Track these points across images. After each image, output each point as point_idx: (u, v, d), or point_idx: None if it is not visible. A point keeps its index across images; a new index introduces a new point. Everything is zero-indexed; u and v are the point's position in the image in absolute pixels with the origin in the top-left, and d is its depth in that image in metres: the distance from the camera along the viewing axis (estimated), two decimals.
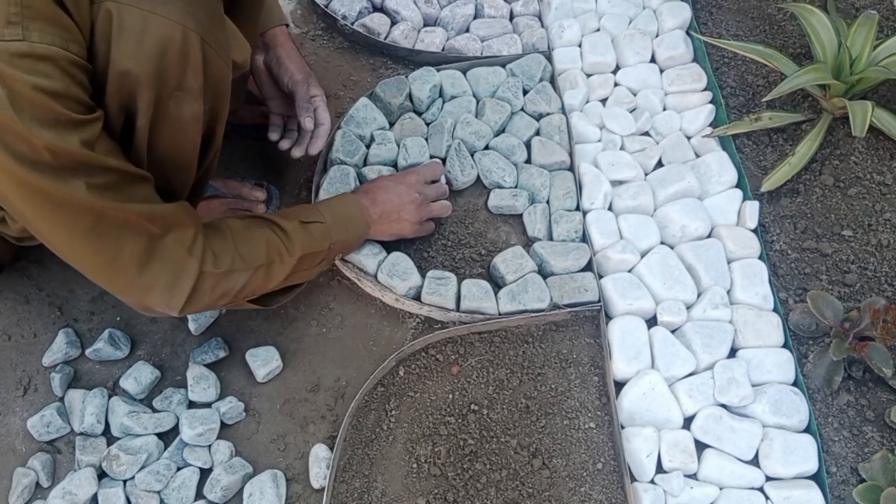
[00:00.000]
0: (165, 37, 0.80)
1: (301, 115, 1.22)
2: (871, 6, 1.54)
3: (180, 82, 0.84)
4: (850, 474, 1.08)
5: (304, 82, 1.23)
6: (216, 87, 0.89)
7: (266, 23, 1.23)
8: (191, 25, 0.81)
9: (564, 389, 1.16)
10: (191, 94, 0.85)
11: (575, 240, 1.27)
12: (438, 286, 1.19)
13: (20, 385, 1.16)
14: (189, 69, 0.83)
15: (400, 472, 1.09)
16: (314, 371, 1.18)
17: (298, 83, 1.22)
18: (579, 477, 1.09)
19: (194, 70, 0.84)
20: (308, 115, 1.22)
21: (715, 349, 1.14)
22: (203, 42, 0.83)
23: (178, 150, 0.92)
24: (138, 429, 1.09)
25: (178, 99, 0.85)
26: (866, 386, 1.14)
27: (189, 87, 0.85)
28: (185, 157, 0.94)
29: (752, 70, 1.47)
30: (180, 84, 0.84)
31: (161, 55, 0.80)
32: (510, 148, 1.36)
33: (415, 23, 1.54)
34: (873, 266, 1.24)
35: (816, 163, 1.35)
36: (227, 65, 0.90)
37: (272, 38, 1.24)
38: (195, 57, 0.83)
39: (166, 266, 0.89)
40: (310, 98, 1.23)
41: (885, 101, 1.40)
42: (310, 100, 1.23)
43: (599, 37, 1.50)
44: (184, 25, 0.80)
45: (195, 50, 0.82)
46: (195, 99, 0.86)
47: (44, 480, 1.08)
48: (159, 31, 0.79)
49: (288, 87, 1.23)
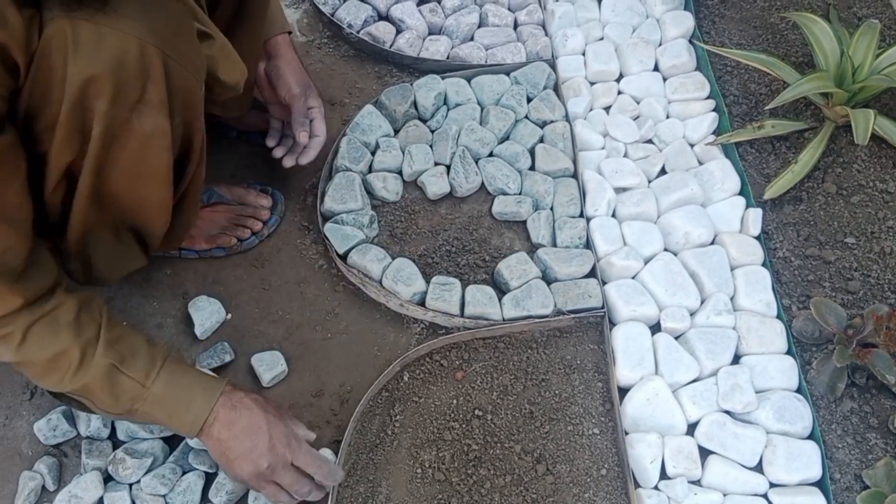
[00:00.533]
0: (121, 50, 0.78)
1: (296, 129, 1.23)
2: (874, 15, 1.55)
3: (141, 96, 0.82)
4: (854, 481, 1.08)
5: (301, 95, 1.23)
6: (184, 100, 0.88)
7: (268, 31, 1.23)
8: (148, 39, 0.79)
9: (568, 395, 1.16)
10: (153, 108, 0.84)
11: (579, 246, 1.28)
12: (443, 292, 1.20)
13: (27, 389, 1.16)
14: (150, 83, 0.82)
15: (404, 477, 1.09)
16: (319, 376, 1.18)
17: (295, 97, 1.23)
18: (583, 483, 1.09)
19: (155, 84, 0.82)
20: (303, 130, 1.22)
21: (718, 356, 1.15)
22: (164, 55, 0.81)
23: (146, 165, 0.89)
24: (144, 433, 1.09)
25: (141, 112, 0.83)
26: (870, 393, 1.14)
27: (150, 100, 0.83)
28: (155, 172, 0.91)
29: (755, 78, 1.48)
30: (141, 98, 0.82)
31: (118, 68, 0.78)
32: (514, 155, 1.37)
33: (420, 31, 1.56)
34: (876, 273, 1.24)
35: (819, 171, 1.35)
36: (195, 77, 0.88)
37: (273, 46, 1.24)
38: (155, 70, 0.81)
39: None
40: (307, 110, 1.24)
41: (888, 110, 1.40)
42: (307, 111, 1.24)
43: (603, 45, 1.52)
44: (140, 39, 0.79)
45: (155, 63, 0.81)
46: (157, 112, 0.84)
47: (50, 484, 1.08)
48: (115, 45, 0.78)
49: (285, 99, 1.24)
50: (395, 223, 1.32)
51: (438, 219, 1.33)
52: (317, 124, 1.24)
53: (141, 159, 0.88)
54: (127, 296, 1.24)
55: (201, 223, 1.24)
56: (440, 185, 1.33)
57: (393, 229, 1.32)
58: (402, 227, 1.32)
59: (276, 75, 1.24)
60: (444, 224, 1.32)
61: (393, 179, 1.34)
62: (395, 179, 1.35)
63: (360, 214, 1.28)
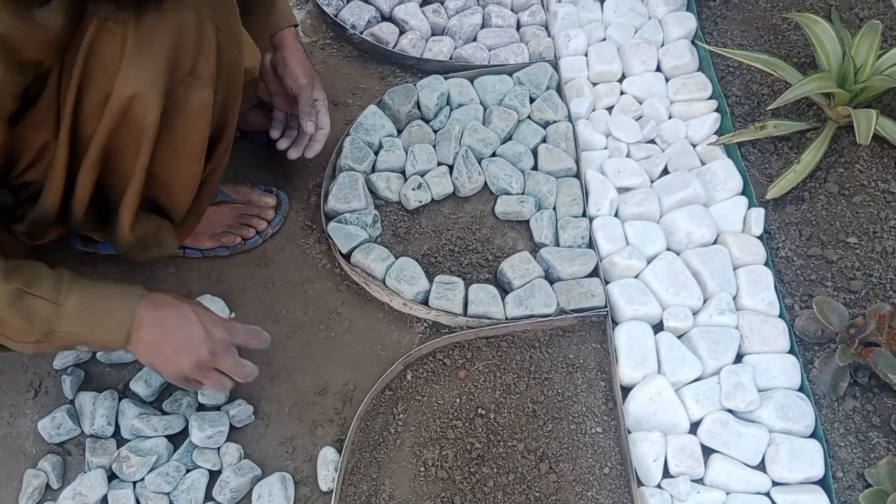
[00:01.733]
0: (180, 21, 0.80)
1: (303, 118, 1.23)
2: (875, 16, 1.55)
3: (192, 68, 0.83)
4: (857, 479, 1.08)
5: (308, 86, 1.24)
6: (229, 76, 0.89)
7: (275, 24, 1.24)
8: (207, 13, 0.81)
9: (571, 394, 1.16)
10: (201, 82, 0.85)
11: (581, 246, 1.28)
12: (446, 291, 1.20)
13: (31, 387, 1.17)
14: (202, 56, 0.83)
15: (407, 475, 1.09)
16: (322, 375, 1.19)
17: (303, 87, 1.23)
18: (586, 481, 1.09)
19: (207, 57, 0.84)
20: (310, 120, 1.23)
21: (721, 354, 1.15)
22: (217, 29, 0.83)
23: (185, 139, 0.90)
24: (148, 431, 1.10)
25: (188, 85, 0.84)
26: (872, 392, 1.15)
27: (201, 73, 0.84)
28: (192, 147, 0.92)
29: (757, 79, 1.49)
30: (192, 70, 0.84)
31: (177, 40, 0.80)
32: (517, 155, 1.37)
33: (423, 32, 1.56)
34: (878, 273, 1.24)
35: (821, 171, 1.36)
36: (240, 53, 0.90)
37: (280, 39, 1.25)
38: (209, 44, 0.83)
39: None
40: (313, 102, 1.25)
41: (890, 110, 1.41)
42: (313, 104, 1.25)
43: (605, 46, 1.52)
44: (198, 12, 0.81)
45: (209, 37, 0.82)
46: (205, 87, 0.86)
47: (54, 482, 1.08)
48: (175, 17, 0.80)
49: (292, 89, 1.24)
50: (398, 223, 1.33)
51: (441, 218, 1.33)
52: (321, 117, 1.25)
53: (184, 133, 0.89)
54: None
55: (206, 221, 1.24)
56: (443, 185, 1.34)
57: (396, 229, 1.32)
58: (405, 227, 1.32)
59: (282, 65, 1.24)
60: (447, 224, 1.33)
61: (396, 179, 1.34)
62: (398, 179, 1.35)
63: (363, 214, 1.28)
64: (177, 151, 0.91)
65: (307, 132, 1.23)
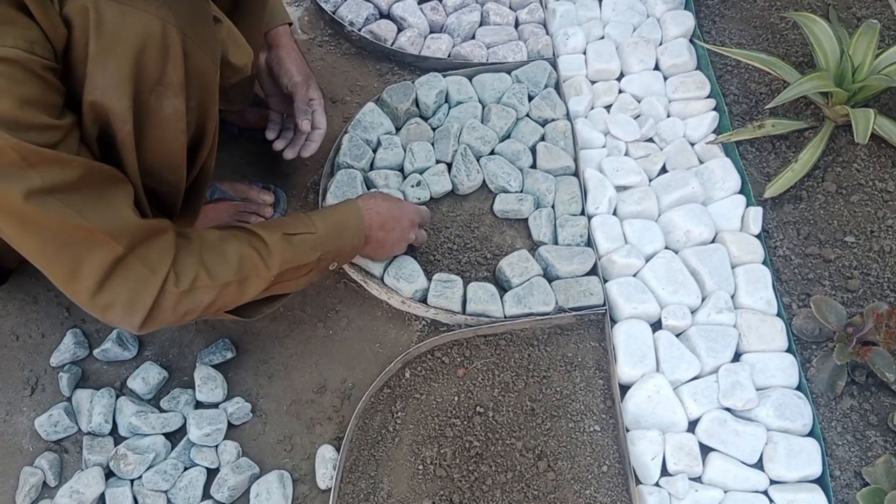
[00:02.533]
0: (144, 31, 0.79)
1: (299, 117, 1.23)
2: (873, 15, 1.56)
3: (160, 77, 0.82)
4: (854, 478, 1.08)
5: (303, 84, 1.23)
6: (201, 82, 0.88)
7: (269, 22, 1.23)
8: (170, 20, 0.80)
9: (570, 392, 1.16)
10: (171, 89, 0.84)
11: (580, 244, 1.28)
12: (444, 289, 1.20)
13: (28, 385, 1.16)
14: (169, 64, 0.82)
15: (406, 473, 1.09)
16: (321, 372, 1.18)
17: (298, 85, 1.23)
18: (584, 479, 1.09)
19: (175, 65, 0.83)
20: (306, 119, 1.22)
21: (719, 353, 1.15)
22: (184, 36, 0.82)
23: (163, 148, 0.90)
24: (146, 428, 1.10)
25: (159, 94, 0.83)
26: (869, 390, 1.15)
27: (170, 81, 0.83)
28: (171, 156, 0.92)
29: (755, 78, 1.49)
30: (160, 79, 0.82)
31: (140, 49, 0.79)
32: (516, 153, 1.37)
33: (421, 29, 1.56)
34: (876, 272, 1.25)
35: (819, 170, 1.36)
36: (211, 60, 0.89)
37: (275, 37, 1.25)
38: (175, 51, 0.82)
39: (127, 284, 0.85)
40: (308, 101, 1.24)
41: (887, 109, 1.41)
42: (308, 102, 1.24)
43: (604, 44, 1.52)
44: (163, 19, 0.79)
45: (175, 44, 0.81)
46: (175, 94, 0.85)
47: (51, 480, 1.08)
48: (138, 25, 0.78)
49: (287, 88, 1.24)
50: None
51: (440, 216, 1.33)
52: (317, 116, 1.24)
53: (159, 141, 0.88)
54: None
55: (204, 219, 1.24)
56: (441, 183, 1.33)
57: None
58: None
59: (277, 64, 1.24)
60: (445, 222, 1.33)
61: (394, 177, 1.34)
62: (397, 177, 1.35)
63: None
64: (156, 159, 0.90)
65: (303, 131, 1.23)
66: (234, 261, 0.94)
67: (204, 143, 0.97)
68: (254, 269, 0.96)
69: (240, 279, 0.94)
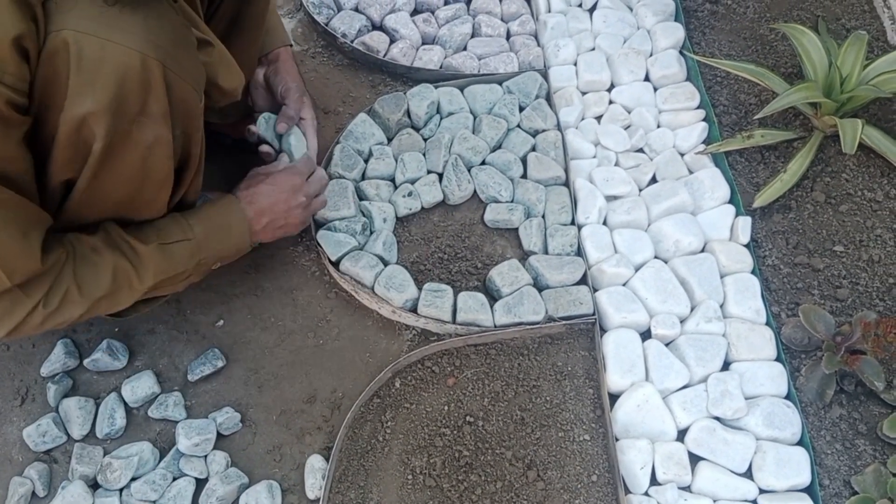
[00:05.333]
0: (123, 64, 0.80)
1: (280, 119, 1.22)
2: (862, 27, 1.57)
3: (142, 108, 0.84)
4: (843, 487, 1.08)
5: (296, 92, 1.23)
6: (184, 111, 0.90)
7: (270, 43, 1.25)
8: (150, 52, 0.81)
9: (559, 402, 1.17)
10: (153, 120, 0.86)
11: (570, 253, 1.29)
12: (435, 298, 1.20)
13: (18, 395, 1.16)
14: (151, 96, 0.83)
15: (395, 483, 1.09)
16: (311, 382, 1.18)
17: (291, 91, 1.23)
18: (574, 489, 1.09)
19: (156, 96, 0.84)
20: (282, 122, 1.21)
21: (708, 362, 1.15)
22: (165, 68, 0.83)
23: (147, 174, 0.91)
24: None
25: (142, 125, 0.85)
26: (858, 399, 1.15)
27: (151, 112, 0.85)
28: (157, 180, 0.94)
29: (745, 89, 1.50)
30: (142, 110, 0.84)
31: (120, 83, 0.80)
32: (506, 163, 1.38)
33: (413, 41, 1.57)
34: (864, 281, 1.25)
35: (808, 179, 1.37)
36: (194, 88, 0.90)
37: (275, 56, 1.26)
38: (156, 83, 0.83)
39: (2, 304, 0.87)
40: (298, 111, 1.23)
41: (875, 119, 1.42)
42: (298, 112, 1.23)
43: (594, 56, 1.53)
44: (142, 53, 0.80)
45: (156, 76, 0.82)
46: (158, 124, 0.86)
47: (40, 490, 1.08)
48: (117, 59, 0.79)
49: (281, 94, 1.24)
50: None
51: (431, 226, 1.34)
52: (310, 138, 1.23)
53: (141, 168, 0.90)
54: None
55: None
56: (433, 193, 1.34)
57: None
58: (394, 234, 1.32)
59: (274, 75, 1.25)
60: (436, 231, 1.33)
61: (385, 187, 1.35)
62: (388, 187, 1.35)
63: (352, 221, 1.28)
64: (141, 184, 0.92)
65: (278, 131, 1.22)
66: (106, 275, 0.94)
67: (189, 166, 0.99)
68: (126, 282, 0.96)
69: (111, 293, 0.95)
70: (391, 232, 1.30)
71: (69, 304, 0.92)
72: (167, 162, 0.92)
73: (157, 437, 1.13)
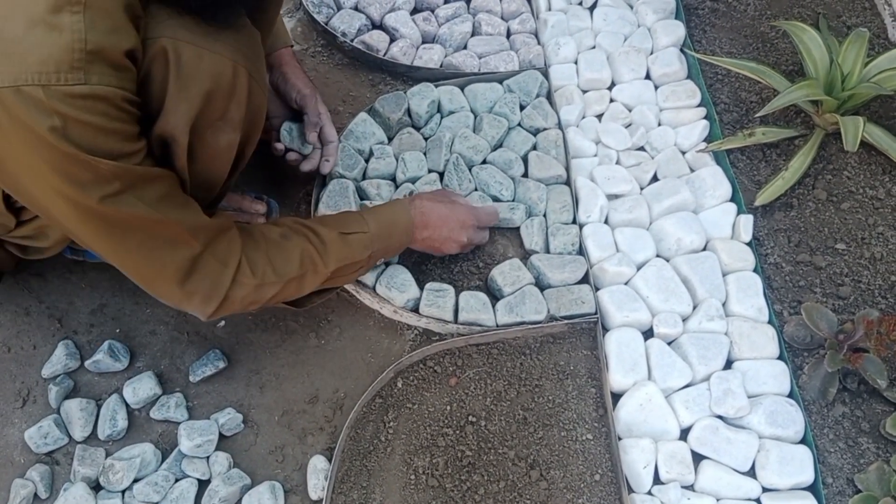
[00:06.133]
0: (217, 72, 0.85)
1: (308, 130, 1.26)
2: (862, 24, 1.57)
3: (223, 114, 0.88)
4: (846, 485, 1.08)
5: (312, 97, 1.26)
6: (254, 116, 0.95)
7: (272, 45, 1.26)
8: (241, 61, 0.87)
9: (562, 401, 1.16)
10: (230, 125, 0.91)
11: (571, 252, 1.28)
12: (436, 298, 1.20)
13: (19, 396, 1.16)
14: (234, 102, 0.88)
15: (398, 483, 1.09)
16: (313, 382, 1.18)
17: (307, 97, 1.26)
18: (577, 488, 1.09)
19: (238, 103, 0.89)
20: (314, 131, 1.26)
21: (711, 361, 1.15)
22: (250, 76, 0.88)
23: (210, 174, 0.96)
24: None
25: (217, 129, 0.90)
26: (861, 397, 1.15)
27: (231, 118, 0.90)
28: (215, 180, 0.98)
29: (746, 87, 1.50)
30: (223, 115, 0.89)
31: (212, 89, 0.85)
32: (507, 162, 1.37)
33: (413, 40, 1.57)
34: (867, 279, 1.25)
35: (809, 177, 1.36)
36: (265, 95, 0.95)
37: (278, 58, 1.27)
38: (241, 90, 0.88)
39: (205, 279, 0.94)
40: (318, 114, 1.26)
41: (877, 117, 1.42)
42: (318, 116, 1.26)
43: (595, 54, 1.53)
44: (234, 61, 0.86)
45: (242, 84, 0.88)
46: (233, 129, 0.92)
47: (42, 492, 1.08)
48: (213, 67, 0.85)
49: (297, 102, 1.26)
50: None
51: None
52: (328, 129, 1.27)
53: (208, 168, 0.95)
54: (120, 303, 1.24)
55: None
56: None
57: None
58: None
59: (283, 81, 1.26)
60: None
61: (386, 186, 1.35)
62: (389, 186, 1.35)
63: None
64: (198, 184, 0.96)
65: (310, 142, 1.26)
66: (296, 258, 1.01)
67: (240, 165, 1.02)
68: (312, 266, 1.03)
69: (300, 275, 1.02)
70: None
71: (267, 283, 0.98)
72: (227, 166, 0.97)
73: (158, 438, 1.13)
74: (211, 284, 0.94)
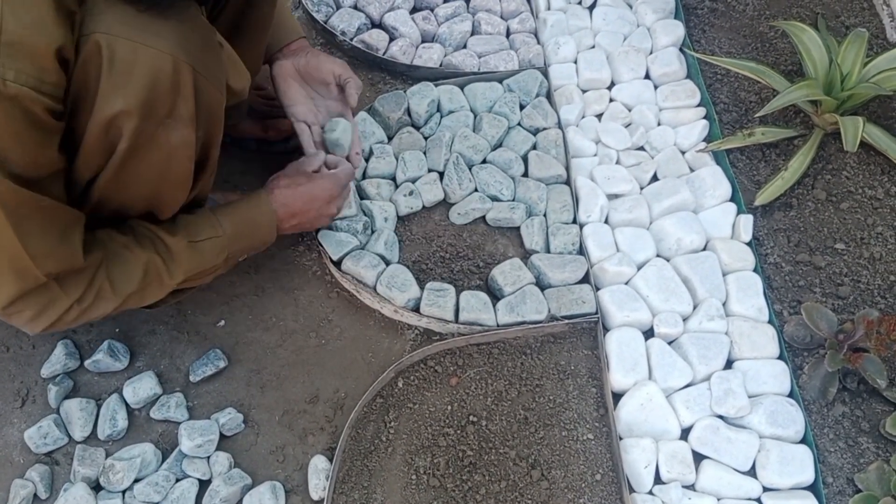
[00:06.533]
0: (156, 68, 0.80)
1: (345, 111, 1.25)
2: (861, 24, 1.57)
3: (170, 111, 0.84)
4: (847, 485, 1.09)
5: (349, 72, 1.23)
6: (209, 114, 0.91)
7: (284, 37, 1.23)
8: (182, 56, 0.81)
9: (563, 401, 1.16)
10: (181, 122, 0.86)
11: (572, 252, 1.28)
12: (437, 298, 1.20)
13: (18, 396, 1.15)
14: (180, 98, 0.84)
15: (399, 483, 1.09)
16: (313, 382, 1.18)
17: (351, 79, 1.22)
18: (578, 488, 1.09)
19: (185, 99, 0.85)
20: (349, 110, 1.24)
21: (711, 360, 1.15)
22: (195, 72, 0.83)
23: (168, 174, 0.93)
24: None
25: (168, 126, 0.86)
26: (861, 397, 1.15)
27: (179, 115, 0.86)
28: (177, 180, 0.95)
29: (745, 86, 1.50)
30: (170, 112, 0.84)
31: (151, 86, 0.81)
32: (507, 162, 1.37)
33: (413, 39, 1.56)
34: (866, 279, 1.25)
35: (809, 177, 1.37)
36: (219, 92, 0.91)
37: (298, 46, 1.24)
38: (186, 86, 0.84)
39: (39, 300, 0.88)
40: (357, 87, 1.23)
41: (876, 117, 1.42)
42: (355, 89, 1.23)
43: (594, 54, 1.53)
44: (174, 56, 0.81)
45: (186, 80, 0.83)
46: (185, 126, 0.87)
47: (42, 492, 1.07)
48: (150, 63, 0.80)
49: (340, 80, 1.22)
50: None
51: (432, 225, 1.33)
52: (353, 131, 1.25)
53: (163, 170, 0.91)
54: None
55: None
56: (434, 192, 1.34)
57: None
58: (396, 233, 1.32)
59: (314, 66, 1.21)
60: (437, 230, 1.33)
61: (386, 186, 1.34)
62: (389, 186, 1.35)
63: (353, 221, 1.28)
64: (161, 185, 0.93)
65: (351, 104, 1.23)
66: (138, 272, 0.95)
67: (207, 167, 1.00)
68: (157, 279, 0.98)
69: (142, 288, 0.97)
70: (393, 231, 1.30)
71: (102, 300, 0.93)
72: (188, 164, 0.93)
73: (159, 438, 1.13)
74: (42, 307, 0.89)
